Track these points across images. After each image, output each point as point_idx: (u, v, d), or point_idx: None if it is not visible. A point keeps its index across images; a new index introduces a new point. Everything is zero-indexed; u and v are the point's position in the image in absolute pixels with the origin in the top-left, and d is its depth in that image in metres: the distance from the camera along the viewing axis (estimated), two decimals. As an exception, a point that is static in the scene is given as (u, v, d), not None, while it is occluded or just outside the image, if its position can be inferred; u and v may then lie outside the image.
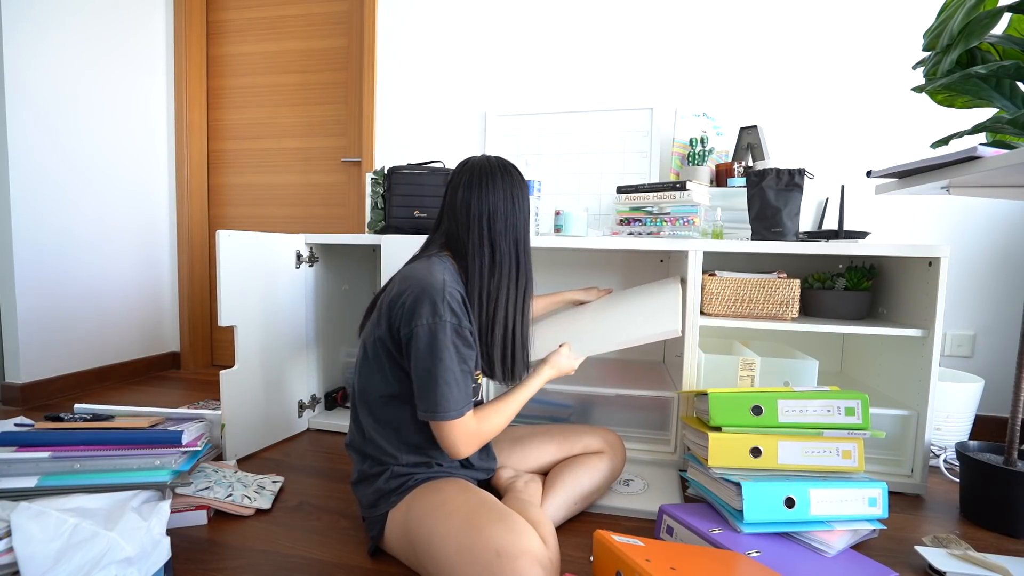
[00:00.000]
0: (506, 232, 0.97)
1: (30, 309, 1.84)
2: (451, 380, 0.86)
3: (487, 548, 0.75)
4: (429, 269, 0.91)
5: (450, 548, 0.79)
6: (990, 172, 0.92)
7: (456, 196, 0.98)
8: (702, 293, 1.34)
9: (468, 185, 0.97)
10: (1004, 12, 0.90)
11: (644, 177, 1.85)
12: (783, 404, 1.04)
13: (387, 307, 0.92)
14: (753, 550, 0.89)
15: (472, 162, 1.00)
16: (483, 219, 0.95)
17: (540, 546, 0.77)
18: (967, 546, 1.01)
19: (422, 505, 0.88)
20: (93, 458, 0.99)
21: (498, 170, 0.98)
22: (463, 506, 0.84)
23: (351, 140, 2.23)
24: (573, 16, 1.93)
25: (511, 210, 0.97)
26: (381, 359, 0.94)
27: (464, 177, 0.98)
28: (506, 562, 0.73)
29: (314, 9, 2.24)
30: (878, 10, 1.71)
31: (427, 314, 0.86)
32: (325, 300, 1.74)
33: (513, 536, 0.76)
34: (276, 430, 1.53)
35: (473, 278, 0.95)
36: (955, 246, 1.70)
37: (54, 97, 1.89)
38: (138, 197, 2.24)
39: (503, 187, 0.97)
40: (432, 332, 0.86)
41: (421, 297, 0.87)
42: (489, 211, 0.95)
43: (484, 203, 0.96)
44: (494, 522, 0.79)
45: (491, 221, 0.96)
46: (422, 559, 0.84)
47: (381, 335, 0.93)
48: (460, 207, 0.97)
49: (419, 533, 0.85)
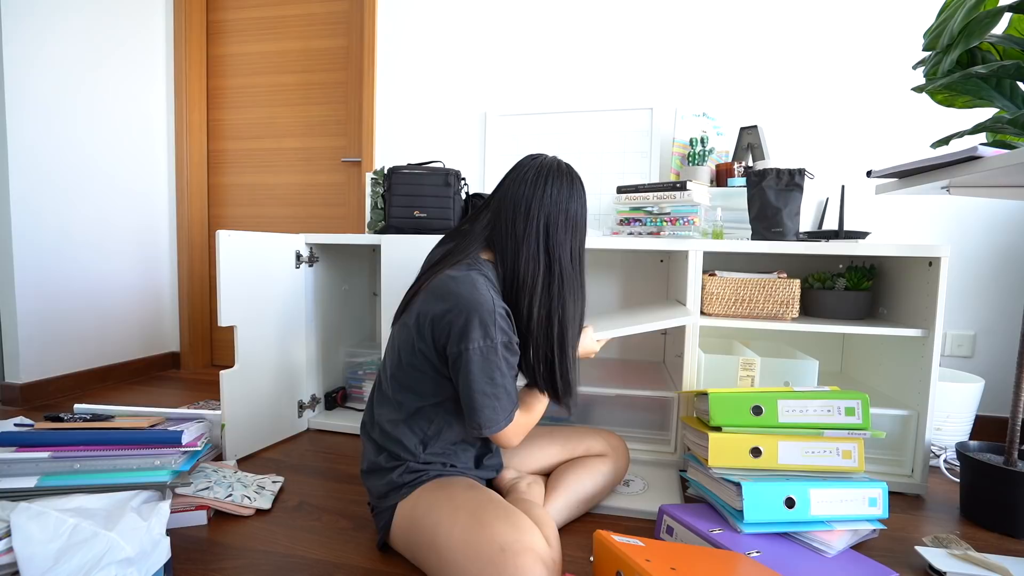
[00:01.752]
0: (567, 241, 0.91)
1: (30, 309, 1.84)
2: (502, 395, 0.86)
3: (492, 543, 0.76)
4: (474, 286, 0.85)
5: (455, 541, 0.80)
6: (990, 172, 0.92)
7: (515, 191, 0.91)
8: (702, 293, 1.34)
9: (533, 182, 0.90)
10: (1004, 12, 0.90)
11: (644, 177, 1.85)
12: (783, 404, 1.03)
13: (430, 323, 0.87)
14: (753, 550, 0.89)
15: (539, 158, 0.94)
16: (542, 221, 0.89)
17: (543, 544, 0.78)
18: (967, 546, 1.01)
19: (430, 499, 0.88)
20: (93, 458, 0.99)
21: (566, 173, 0.93)
22: (470, 502, 0.85)
23: (351, 140, 2.23)
24: (573, 16, 1.93)
25: (578, 216, 0.92)
26: (420, 368, 0.91)
27: (528, 173, 0.91)
28: (510, 557, 0.74)
29: (314, 9, 2.24)
30: (878, 10, 1.71)
31: (478, 337, 0.83)
32: (325, 300, 1.74)
33: (518, 533, 0.77)
34: (276, 430, 1.53)
35: (524, 289, 0.90)
36: (955, 246, 1.70)
37: (54, 97, 1.89)
38: (138, 197, 2.24)
39: (571, 190, 0.92)
40: (484, 355, 0.84)
41: (471, 319, 0.83)
42: (553, 213, 0.89)
43: (548, 203, 0.89)
44: (500, 519, 0.80)
45: (552, 226, 0.90)
46: (426, 551, 0.85)
47: (424, 348, 0.89)
48: (518, 203, 0.90)
49: (425, 524, 0.85)
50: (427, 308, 0.88)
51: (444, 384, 0.91)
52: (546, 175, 0.92)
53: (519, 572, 0.73)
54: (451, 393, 0.92)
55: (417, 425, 0.94)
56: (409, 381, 0.93)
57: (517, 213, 0.90)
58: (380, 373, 1.01)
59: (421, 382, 0.92)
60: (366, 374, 1.80)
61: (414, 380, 0.92)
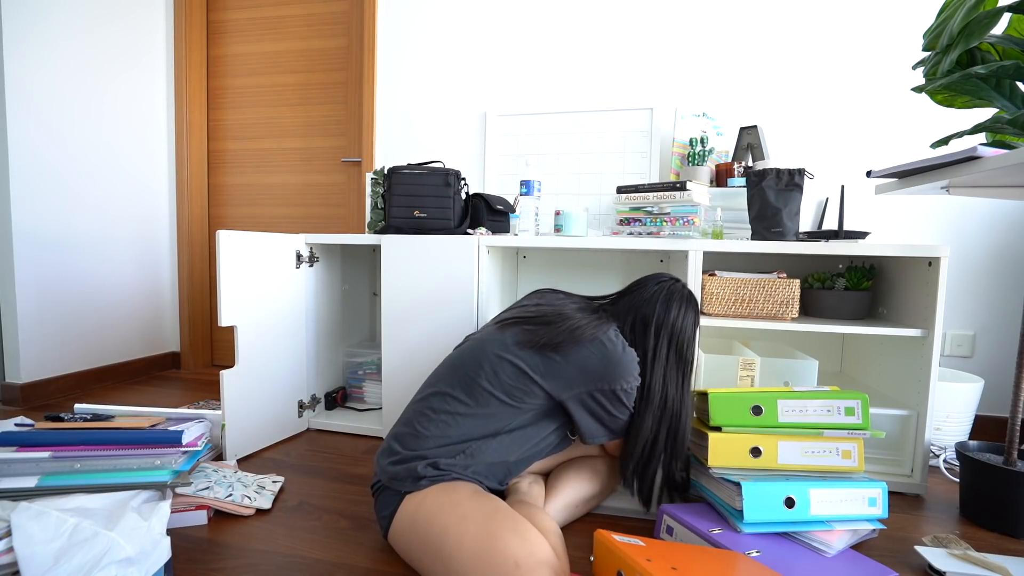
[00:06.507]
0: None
1: (30, 309, 1.84)
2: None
3: (506, 558, 0.77)
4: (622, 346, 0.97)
5: (465, 553, 0.79)
6: (990, 172, 0.92)
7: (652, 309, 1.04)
8: (702, 293, 1.34)
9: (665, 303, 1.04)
10: (1004, 12, 0.90)
11: (644, 177, 1.85)
12: (783, 404, 1.03)
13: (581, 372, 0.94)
14: (753, 550, 0.89)
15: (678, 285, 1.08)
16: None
17: (554, 557, 0.79)
18: (967, 546, 1.01)
19: (435, 503, 0.88)
20: (93, 458, 0.99)
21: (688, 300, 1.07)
22: (478, 511, 0.84)
23: (351, 140, 2.23)
24: (573, 16, 1.93)
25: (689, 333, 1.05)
26: (519, 397, 0.95)
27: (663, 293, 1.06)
28: (524, 573, 0.75)
29: (314, 9, 2.24)
30: (878, 10, 1.71)
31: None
32: (325, 300, 1.74)
33: (530, 547, 0.78)
34: (276, 430, 1.53)
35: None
36: (955, 246, 1.70)
37: (54, 97, 1.89)
38: (138, 197, 2.24)
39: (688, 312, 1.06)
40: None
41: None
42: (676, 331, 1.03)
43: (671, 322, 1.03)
44: (509, 530, 0.80)
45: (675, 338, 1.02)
46: (431, 559, 0.84)
47: (552, 390, 0.95)
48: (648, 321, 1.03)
49: (430, 531, 0.84)
50: (572, 349, 0.96)
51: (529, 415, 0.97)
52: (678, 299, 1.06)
53: None
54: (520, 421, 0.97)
55: (466, 436, 0.94)
56: (486, 401, 0.95)
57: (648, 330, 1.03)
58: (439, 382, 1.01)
59: (511, 406, 0.96)
60: (366, 374, 1.80)
61: (501, 403, 0.95)
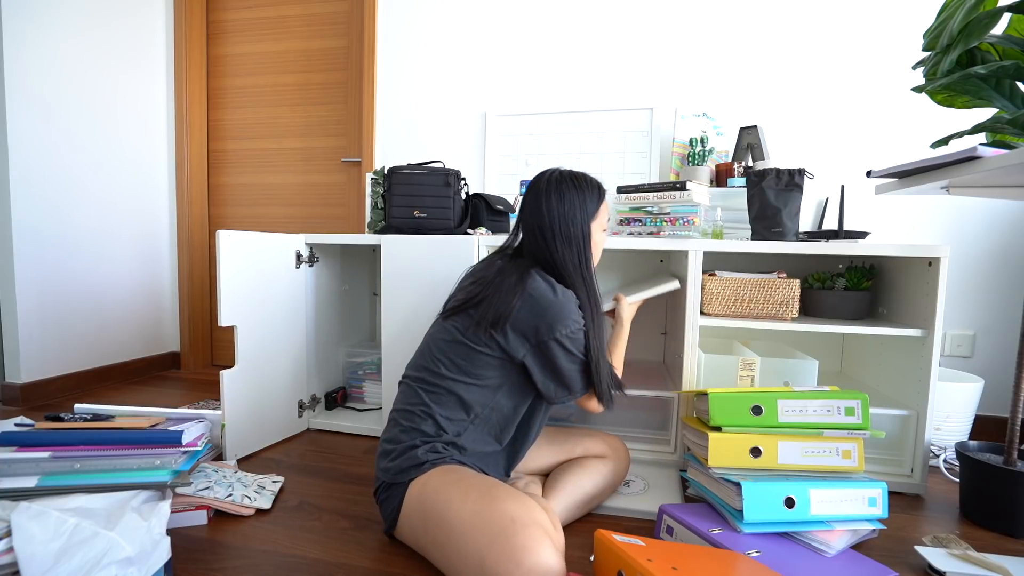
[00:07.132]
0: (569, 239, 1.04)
1: (30, 309, 1.84)
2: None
3: (503, 514, 0.79)
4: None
5: (466, 514, 0.82)
6: (990, 172, 0.92)
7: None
8: (702, 293, 1.34)
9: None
10: (1004, 12, 0.90)
11: (644, 177, 1.85)
12: (783, 404, 1.04)
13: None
14: (753, 550, 0.89)
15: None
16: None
17: (550, 523, 0.82)
18: (967, 546, 1.01)
19: (440, 479, 0.90)
20: (93, 458, 0.99)
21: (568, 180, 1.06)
22: (481, 483, 0.88)
23: (351, 140, 2.23)
24: (573, 16, 1.93)
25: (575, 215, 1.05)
26: (505, 366, 0.99)
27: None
28: (519, 527, 0.77)
29: (314, 9, 2.24)
30: (878, 10, 1.71)
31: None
32: (325, 300, 1.74)
33: (528, 509, 0.81)
34: (276, 430, 1.53)
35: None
36: (955, 246, 1.70)
37: (54, 97, 1.89)
38: (138, 197, 2.24)
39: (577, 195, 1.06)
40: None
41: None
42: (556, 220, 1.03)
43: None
44: (510, 497, 0.83)
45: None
46: (434, 528, 0.86)
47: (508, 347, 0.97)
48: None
49: (436, 503, 0.87)
50: (514, 311, 0.98)
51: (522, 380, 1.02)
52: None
53: (528, 541, 0.75)
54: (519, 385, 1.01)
55: (467, 407, 0.98)
56: (476, 365, 0.99)
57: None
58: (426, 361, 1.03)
59: (499, 372, 0.99)
60: (366, 374, 1.80)
61: (485, 368, 0.99)
